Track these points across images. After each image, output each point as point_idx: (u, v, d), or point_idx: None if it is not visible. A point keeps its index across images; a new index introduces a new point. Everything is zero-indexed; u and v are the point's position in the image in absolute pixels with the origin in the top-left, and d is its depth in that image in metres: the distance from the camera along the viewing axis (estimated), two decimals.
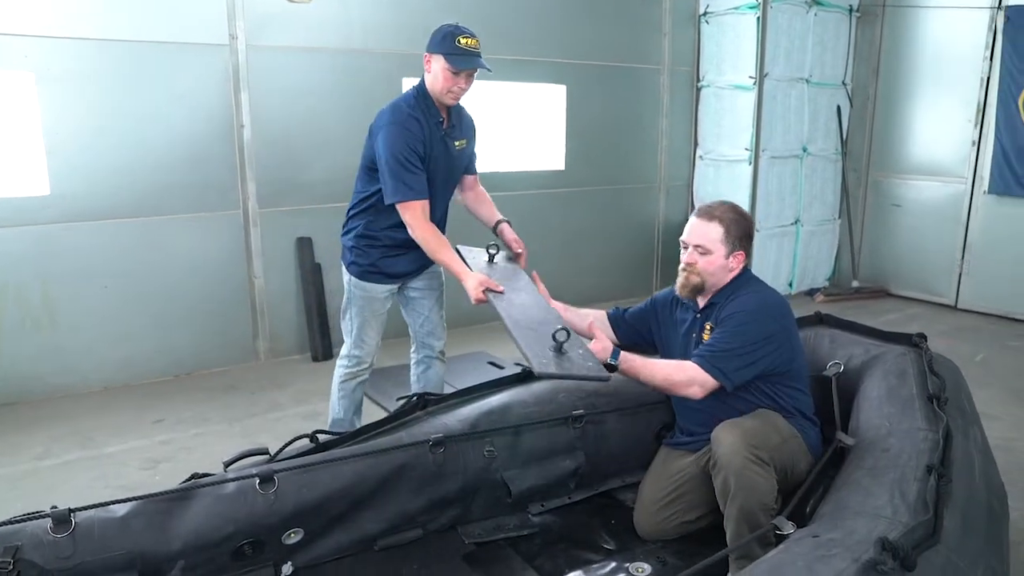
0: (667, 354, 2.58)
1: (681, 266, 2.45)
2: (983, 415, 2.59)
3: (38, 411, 3.98)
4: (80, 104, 4.05)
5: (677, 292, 2.49)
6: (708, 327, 2.42)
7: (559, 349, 2.26)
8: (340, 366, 3.11)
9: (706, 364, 2.28)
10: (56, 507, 1.87)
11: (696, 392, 2.28)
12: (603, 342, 2.33)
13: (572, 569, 2.36)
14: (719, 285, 2.42)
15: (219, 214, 4.56)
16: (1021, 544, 2.70)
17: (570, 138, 5.96)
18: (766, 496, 2.07)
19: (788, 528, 1.84)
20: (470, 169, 3.15)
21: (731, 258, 2.39)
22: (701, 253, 2.39)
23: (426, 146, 2.81)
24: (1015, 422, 3.87)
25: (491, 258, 2.89)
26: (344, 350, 3.11)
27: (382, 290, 3.02)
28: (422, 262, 3.02)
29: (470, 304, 2.68)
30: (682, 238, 2.46)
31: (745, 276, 2.45)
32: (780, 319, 2.38)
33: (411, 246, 2.90)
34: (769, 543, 1.89)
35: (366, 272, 2.99)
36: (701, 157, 6.65)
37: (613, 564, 2.37)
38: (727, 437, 2.16)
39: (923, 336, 2.70)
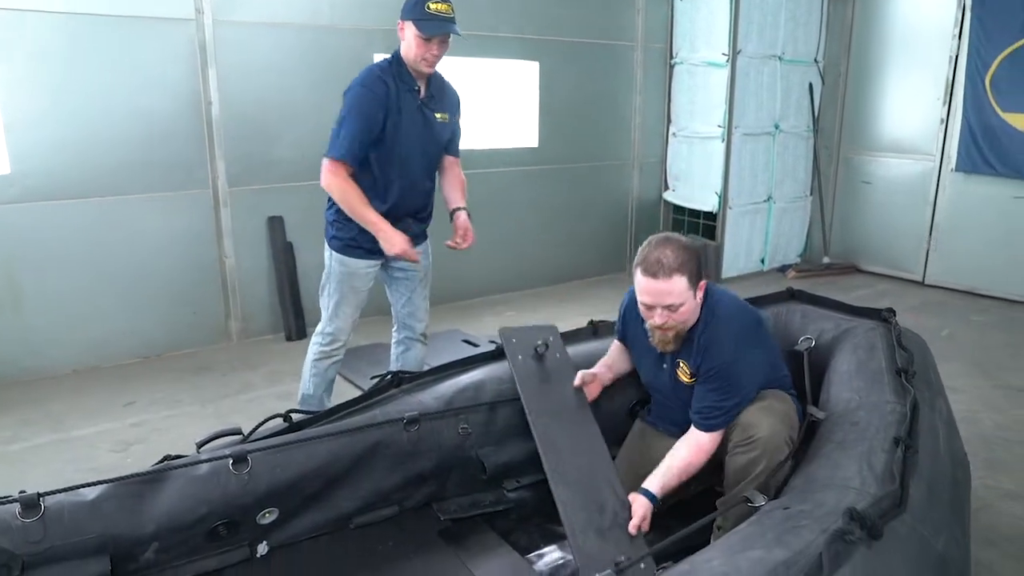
0: (642, 370, 2.52)
1: (653, 330, 2.25)
2: (948, 388, 2.65)
3: (6, 394, 3.91)
4: (41, 79, 3.93)
5: (660, 351, 2.32)
6: (681, 364, 2.31)
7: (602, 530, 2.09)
8: (314, 343, 3.10)
9: (712, 426, 2.20)
10: (25, 492, 1.84)
11: (714, 450, 2.22)
12: (638, 515, 2.12)
13: (547, 544, 2.38)
14: (693, 320, 2.27)
15: (188, 193, 4.48)
16: (981, 511, 2.78)
17: (543, 115, 5.93)
18: (783, 480, 2.09)
19: (760, 500, 1.87)
20: (451, 149, 3.11)
21: (697, 294, 2.21)
22: (672, 310, 2.18)
23: (390, 111, 2.78)
24: (978, 394, 3.96)
25: (539, 355, 2.56)
26: (319, 327, 3.09)
27: (363, 266, 3.00)
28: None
29: (446, 283, 2.67)
30: (644, 302, 2.21)
31: (707, 303, 2.27)
32: (754, 339, 2.29)
33: (394, 223, 2.88)
34: (745, 515, 1.92)
35: (346, 246, 2.97)
36: (674, 134, 6.66)
37: None
38: (766, 421, 2.14)
39: (892, 311, 2.75)
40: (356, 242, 2.96)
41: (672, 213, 6.90)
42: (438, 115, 2.95)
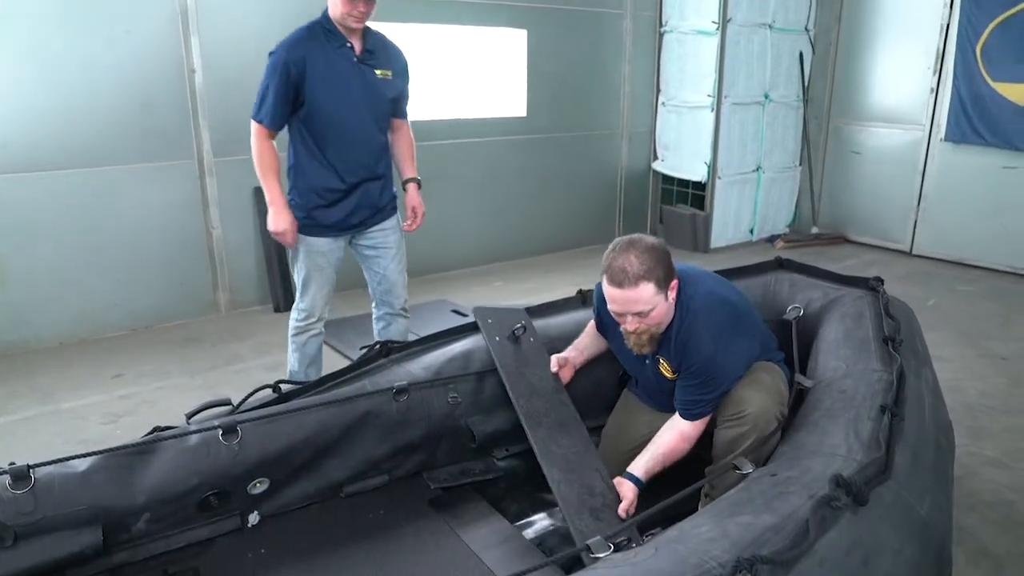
0: (624, 363, 2.50)
1: (627, 334, 2.20)
2: (933, 357, 2.68)
3: None
4: (21, 48, 3.86)
5: (636, 352, 2.29)
6: (662, 361, 2.27)
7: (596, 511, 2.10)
8: (291, 318, 3.09)
9: (696, 416, 2.19)
10: (14, 463, 1.84)
11: (698, 437, 2.22)
12: (626, 498, 2.12)
13: (537, 512, 2.40)
14: (668, 321, 2.20)
15: (173, 163, 4.42)
16: (964, 478, 2.82)
17: (531, 84, 5.88)
18: (770, 451, 2.11)
19: (748, 468, 1.89)
20: (399, 111, 3.04)
21: (669, 294, 2.13)
22: (643, 316, 2.11)
23: (312, 73, 2.74)
24: (963, 363, 4.01)
25: (516, 337, 2.59)
26: (295, 303, 3.08)
27: (323, 243, 2.96)
28: (365, 215, 2.96)
29: (433, 253, 2.66)
30: (613, 310, 2.16)
31: (682, 299, 2.19)
32: (733, 330, 2.21)
33: (345, 192, 2.87)
34: (733, 483, 1.94)
35: (304, 225, 2.92)
36: (663, 104, 6.62)
37: None
38: (756, 396, 2.14)
39: (880, 280, 2.76)
40: (312, 219, 2.92)
41: (661, 183, 6.88)
42: (378, 72, 2.88)
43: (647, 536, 1.97)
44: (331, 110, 2.80)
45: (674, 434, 2.22)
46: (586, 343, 2.60)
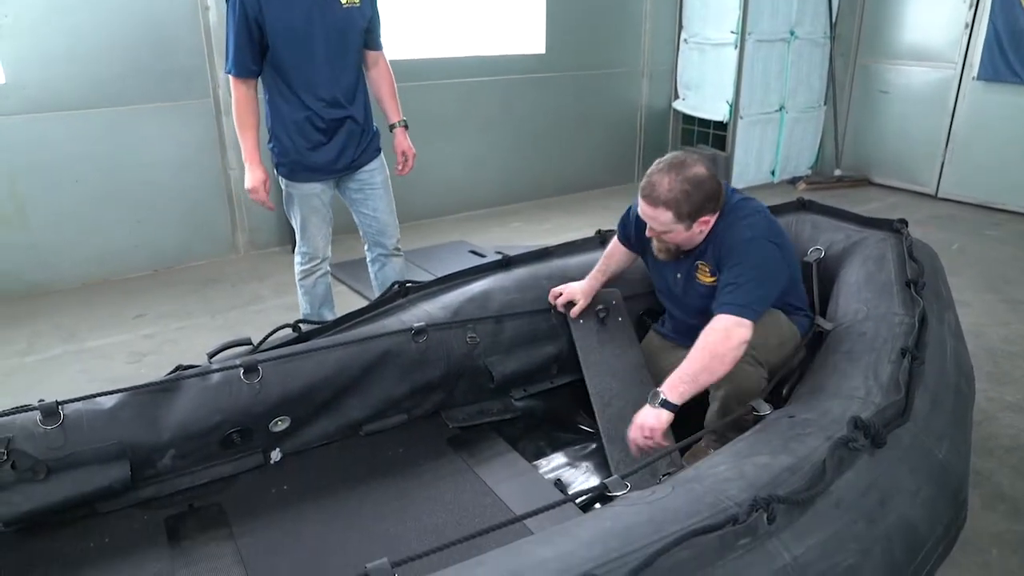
0: (656, 276, 2.48)
1: (651, 236, 2.25)
2: (956, 302, 2.64)
3: (16, 308, 3.95)
4: None
5: (657, 256, 2.31)
6: (700, 265, 2.25)
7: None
8: (295, 262, 3.09)
9: (740, 311, 2.01)
10: (43, 400, 1.88)
11: (744, 346, 2.01)
12: (654, 430, 1.98)
13: (554, 451, 2.43)
14: (698, 242, 2.22)
15: (189, 103, 4.39)
16: (982, 423, 2.82)
17: (550, 20, 5.72)
18: (751, 393, 2.08)
19: (765, 409, 1.90)
20: (372, 41, 2.90)
21: (696, 226, 2.13)
22: (661, 231, 2.17)
23: (271, 10, 2.58)
24: (986, 308, 3.96)
25: (602, 320, 2.60)
26: (296, 247, 3.07)
27: (312, 188, 2.91)
28: (350, 157, 2.89)
29: (452, 193, 2.63)
30: (640, 212, 2.20)
31: (726, 218, 2.18)
32: (780, 237, 2.23)
33: (326, 133, 2.80)
34: (747, 426, 1.94)
35: (291, 171, 2.88)
36: (686, 40, 6.44)
37: (594, 446, 2.44)
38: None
39: (904, 222, 2.71)
40: (299, 164, 2.85)
41: (682, 123, 6.75)
42: (343, 0, 2.72)
43: (664, 476, 1.99)
44: (296, 45, 2.66)
45: (713, 336, 2.00)
46: (611, 260, 2.59)
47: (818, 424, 1.66)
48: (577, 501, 1.96)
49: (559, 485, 2.24)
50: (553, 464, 2.37)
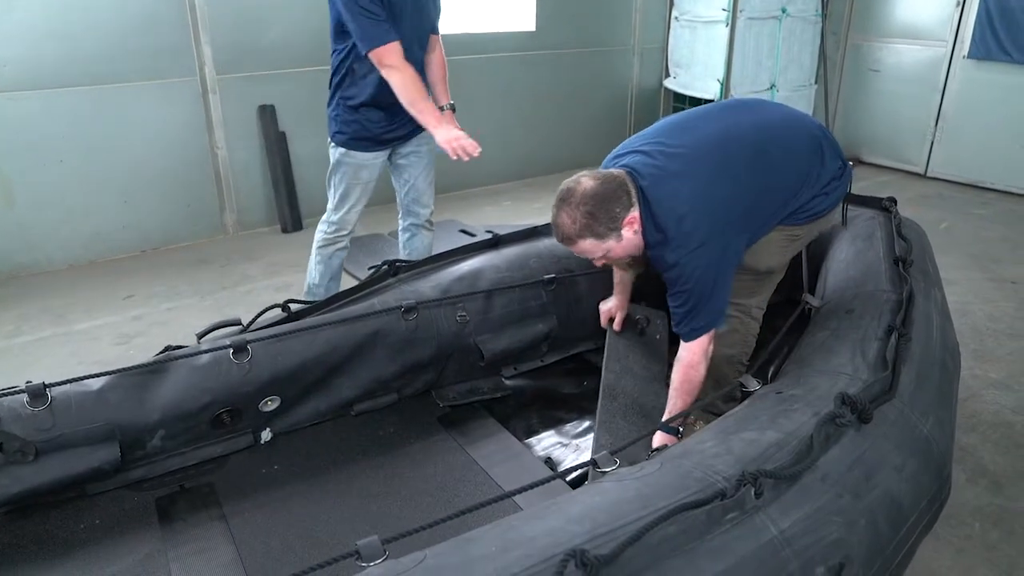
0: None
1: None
2: (943, 280, 2.66)
3: (4, 290, 3.92)
4: None
5: (627, 272, 2.32)
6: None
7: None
8: (319, 230, 3.09)
9: (701, 332, 1.99)
10: (30, 382, 1.87)
11: (710, 348, 2.01)
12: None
13: (545, 429, 2.44)
14: (640, 240, 1.99)
15: (175, 81, 4.33)
16: (967, 400, 2.85)
17: None
18: (732, 347, 2.08)
19: (753, 385, 1.91)
20: (434, 27, 2.97)
21: (625, 231, 1.94)
22: (602, 257, 2.03)
23: None
24: (972, 286, 3.99)
25: (641, 330, 2.60)
26: (325, 215, 3.08)
27: (370, 157, 2.94)
28: (411, 127, 2.92)
29: (442, 173, 2.61)
30: None
31: (646, 216, 1.95)
32: (713, 225, 1.93)
33: (394, 109, 2.80)
34: (735, 399, 1.96)
35: (352, 140, 2.90)
36: (677, 18, 6.39)
37: (586, 423, 2.45)
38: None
39: (893, 200, 2.72)
40: (361, 134, 2.89)
41: (672, 101, 6.72)
42: None
43: (652, 452, 2.01)
44: (395, 18, 2.68)
45: (678, 368, 2.05)
46: (619, 277, 2.54)
47: (805, 400, 1.67)
48: (567, 478, 1.98)
49: (549, 463, 2.25)
50: (544, 442, 2.39)
